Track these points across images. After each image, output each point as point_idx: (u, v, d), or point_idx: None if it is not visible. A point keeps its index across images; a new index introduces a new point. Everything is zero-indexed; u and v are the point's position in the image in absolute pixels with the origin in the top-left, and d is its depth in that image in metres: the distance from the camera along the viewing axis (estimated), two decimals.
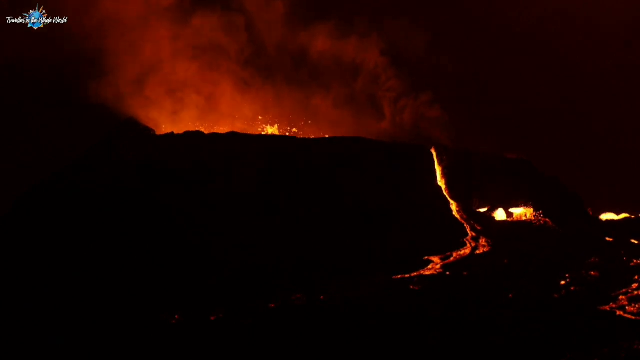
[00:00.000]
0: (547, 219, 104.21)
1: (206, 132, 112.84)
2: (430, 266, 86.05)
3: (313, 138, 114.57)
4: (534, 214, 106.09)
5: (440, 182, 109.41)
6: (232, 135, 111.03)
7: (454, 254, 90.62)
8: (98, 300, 71.75)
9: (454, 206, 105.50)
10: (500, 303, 71.48)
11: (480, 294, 74.38)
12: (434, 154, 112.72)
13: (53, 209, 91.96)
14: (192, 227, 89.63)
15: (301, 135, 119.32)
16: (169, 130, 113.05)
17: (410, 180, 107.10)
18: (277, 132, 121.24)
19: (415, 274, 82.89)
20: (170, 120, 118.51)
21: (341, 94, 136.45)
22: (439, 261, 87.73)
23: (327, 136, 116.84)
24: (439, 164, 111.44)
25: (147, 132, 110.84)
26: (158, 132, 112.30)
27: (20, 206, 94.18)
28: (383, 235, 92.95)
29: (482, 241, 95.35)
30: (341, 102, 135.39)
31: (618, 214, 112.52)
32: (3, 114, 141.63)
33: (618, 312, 69.63)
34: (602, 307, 71.26)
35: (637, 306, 70.93)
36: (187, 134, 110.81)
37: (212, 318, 67.13)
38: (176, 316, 67.45)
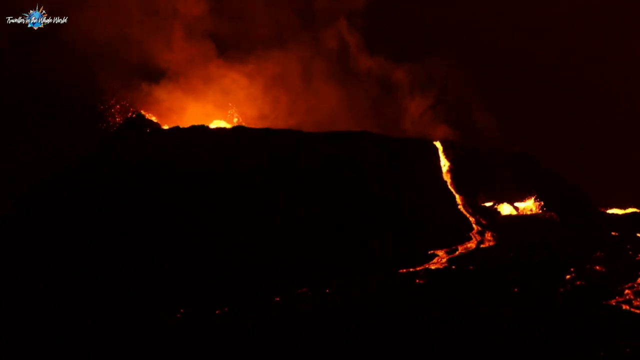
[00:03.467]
0: (553, 213, 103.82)
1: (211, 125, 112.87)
2: (435, 260, 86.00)
3: (316, 132, 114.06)
4: (540, 208, 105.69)
5: (446, 176, 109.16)
6: (237, 129, 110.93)
7: (460, 248, 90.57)
8: (98, 300, 71.75)
9: (459, 200, 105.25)
10: (504, 298, 71.23)
11: (485, 288, 74.21)
12: (440, 148, 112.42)
13: (53, 209, 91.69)
14: (192, 227, 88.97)
15: (305, 129, 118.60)
16: (174, 124, 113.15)
17: (415, 174, 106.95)
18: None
19: (420, 268, 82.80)
20: (175, 113, 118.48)
21: (345, 88, 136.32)
22: (444, 255, 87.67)
23: (331, 130, 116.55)
24: (445, 158, 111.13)
25: (151, 127, 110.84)
26: (163, 126, 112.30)
27: (20, 206, 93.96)
28: (386, 230, 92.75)
29: (488, 235, 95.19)
30: (344, 97, 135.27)
31: (624, 208, 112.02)
32: (3, 113, 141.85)
33: (624, 307, 69.40)
34: (607, 302, 71.07)
35: None
36: (192, 128, 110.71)
37: (217, 312, 67.26)
38: (181, 310, 67.51)
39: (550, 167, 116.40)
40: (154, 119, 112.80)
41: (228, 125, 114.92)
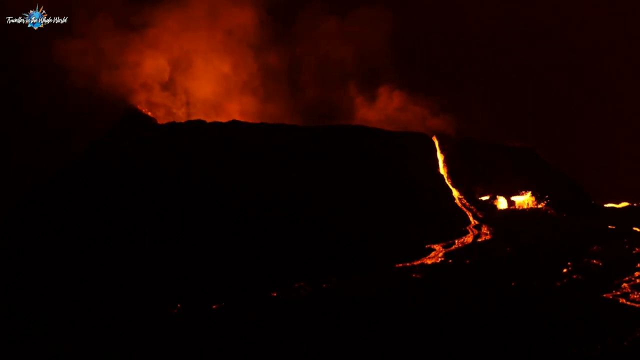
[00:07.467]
0: (550, 207, 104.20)
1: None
2: (432, 254, 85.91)
3: (312, 126, 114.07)
4: (536, 202, 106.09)
5: (442, 170, 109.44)
6: (233, 124, 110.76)
7: (457, 242, 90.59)
8: (98, 295, 71.82)
9: (456, 194, 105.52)
10: (502, 292, 71.07)
11: (482, 282, 73.92)
12: (436, 142, 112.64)
13: (54, 206, 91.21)
14: (189, 223, 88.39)
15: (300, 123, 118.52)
16: (169, 119, 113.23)
17: (412, 169, 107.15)
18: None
19: (417, 262, 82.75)
20: (170, 108, 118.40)
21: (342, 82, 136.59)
22: (441, 249, 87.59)
23: (327, 124, 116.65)
24: (441, 152, 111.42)
25: (148, 122, 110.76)
26: (160, 122, 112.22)
27: (25, 202, 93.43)
28: (383, 224, 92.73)
29: (485, 229, 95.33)
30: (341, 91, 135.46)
31: (618, 202, 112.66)
32: (3, 113, 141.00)
33: (621, 300, 69.27)
34: (605, 295, 70.85)
35: None
36: (189, 123, 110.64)
37: (213, 307, 67.17)
38: (178, 305, 67.49)
39: (548, 161, 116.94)
40: (149, 114, 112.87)
41: None
